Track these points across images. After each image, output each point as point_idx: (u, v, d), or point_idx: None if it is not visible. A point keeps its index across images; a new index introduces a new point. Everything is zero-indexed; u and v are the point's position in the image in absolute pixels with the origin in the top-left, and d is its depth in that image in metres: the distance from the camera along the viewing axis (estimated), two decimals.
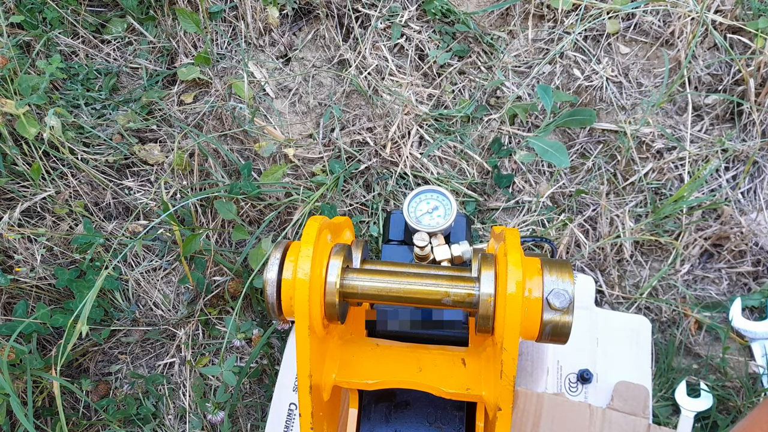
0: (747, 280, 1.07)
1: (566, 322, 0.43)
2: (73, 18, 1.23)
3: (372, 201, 1.12)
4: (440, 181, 1.10)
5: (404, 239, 0.72)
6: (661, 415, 0.98)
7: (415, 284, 0.47)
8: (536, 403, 0.89)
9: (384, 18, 1.19)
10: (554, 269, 0.44)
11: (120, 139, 1.17)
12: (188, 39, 1.22)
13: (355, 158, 1.13)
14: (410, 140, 1.13)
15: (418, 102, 1.15)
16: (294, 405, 0.95)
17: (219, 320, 1.12)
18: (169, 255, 1.13)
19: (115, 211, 1.17)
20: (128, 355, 1.13)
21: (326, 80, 1.20)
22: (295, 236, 1.09)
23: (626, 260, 1.08)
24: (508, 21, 1.20)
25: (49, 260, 1.11)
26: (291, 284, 0.45)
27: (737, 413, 0.98)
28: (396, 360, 0.54)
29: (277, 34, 1.22)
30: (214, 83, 1.19)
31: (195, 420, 1.07)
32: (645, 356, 0.97)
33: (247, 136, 1.16)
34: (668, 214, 1.06)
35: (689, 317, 1.05)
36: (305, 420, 0.46)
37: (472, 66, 1.18)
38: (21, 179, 1.12)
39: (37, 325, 1.01)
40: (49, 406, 1.06)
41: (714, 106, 1.11)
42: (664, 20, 1.14)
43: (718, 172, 1.09)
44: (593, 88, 1.13)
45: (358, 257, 0.54)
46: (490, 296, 0.43)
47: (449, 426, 0.58)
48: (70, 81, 1.21)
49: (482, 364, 0.51)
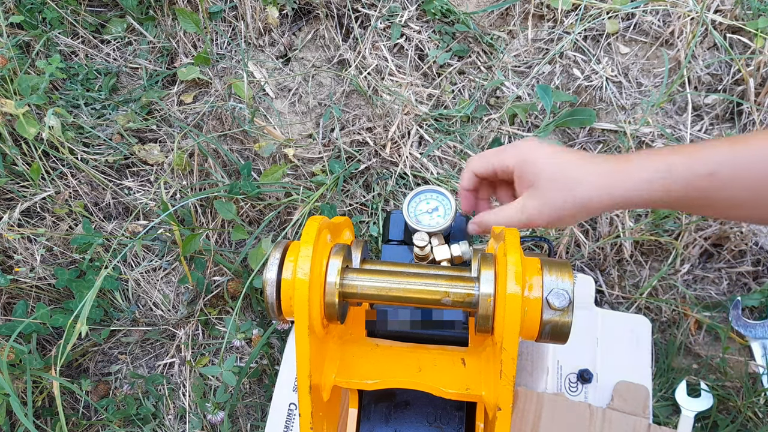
0: (747, 280, 1.07)
1: (566, 322, 0.42)
2: (73, 18, 1.23)
3: (372, 201, 1.12)
4: (440, 181, 1.10)
5: (404, 239, 0.72)
6: (661, 415, 0.98)
7: (415, 284, 0.47)
8: (536, 403, 0.89)
9: (384, 18, 1.19)
10: (554, 269, 0.44)
11: (120, 139, 1.17)
12: (188, 39, 1.22)
13: (354, 158, 1.13)
14: (410, 140, 1.13)
15: (417, 102, 1.15)
16: (294, 405, 0.95)
17: (219, 320, 1.12)
18: (168, 255, 1.13)
19: (114, 211, 1.17)
20: (128, 355, 1.13)
21: (326, 80, 1.20)
22: (295, 236, 1.09)
23: (626, 260, 1.08)
24: (507, 21, 1.20)
25: (48, 260, 1.11)
26: (290, 284, 0.45)
27: (737, 413, 0.98)
28: (396, 360, 0.54)
29: (277, 34, 1.22)
30: (213, 83, 1.19)
31: (195, 420, 1.07)
32: (645, 356, 0.97)
33: (247, 136, 1.16)
34: (668, 214, 1.05)
35: (689, 317, 1.05)
36: (305, 420, 0.46)
37: (472, 66, 1.18)
38: (21, 179, 1.12)
39: (37, 325, 1.01)
40: (49, 406, 1.06)
41: (714, 105, 1.11)
42: (664, 20, 1.14)
43: None
44: (593, 88, 1.13)
45: (357, 257, 0.54)
46: (490, 296, 0.43)
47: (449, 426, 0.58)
48: (70, 81, 1.21)
49: (482, 364, 0.51)
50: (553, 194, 0.52)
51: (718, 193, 0.47)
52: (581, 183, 0.51)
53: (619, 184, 0.50)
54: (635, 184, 0.49)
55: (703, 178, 0.47)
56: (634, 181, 0.49)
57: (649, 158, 0.49)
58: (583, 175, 0.51)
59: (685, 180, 0.48)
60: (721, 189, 0.47)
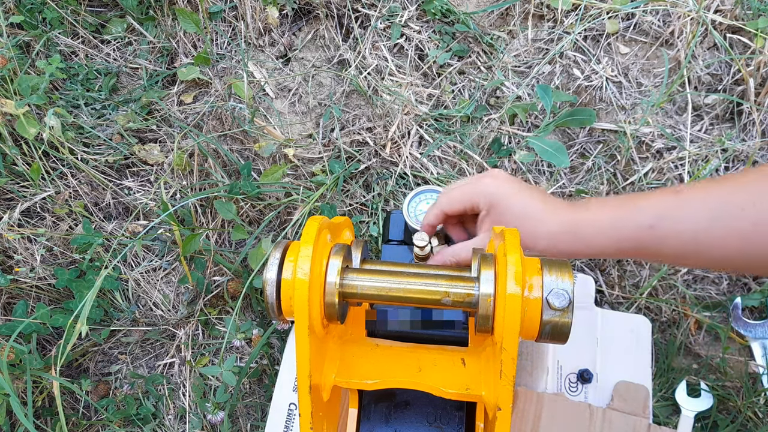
0: (747, 280, 1.07)
1: (566, 322, 0.42)
2: (73, 18, 1.23)
3: (372, 201, 1.12)
4: (440, 181, 1.10)
5: (404, 239, 0.72)
6: (661, 415, 0.98)
7: (415, 284, 0.47)
8: (536, 403, 0.89)
9: (384, 18, 1.19)
10: (554, 269, 0.44)
11: (120, 139, 1.17)
12: (188, 39, 1.22)
13: (354, 158, 1.13)
14: (410, 140, 1.13)
15: (417, 102, 1.15)
16: (294, 405, 0.95)
17: (219, 320, 1.12)
18: (168, 255, 1.13)
19: (114, 211, 1.17)
20: (128, 355, 1.13)
21: (326, 80, 1.20)
22: (295, 236, 1.09)
23: (626, 260, 1.08)
24: (507, 21, 1.20)
25: (48, 260, 1.11)
26: (290, 284, 0.45)
27: (737, 413, 0.98)
28: (396, 360, 0.54)
29: (277, 34, 1.22)
30: (213, 83, 1.19)
31: (195, 420, 1.07)
32: (645, 356, 0.97)
33: (247, 136, 1.16)
34: None
35: (689, 317, 1.05)
36: (305, 420, 0.46)
37: (472, 66, 1.18)
38: (21, 179, 1.12)
39: (37, 325, 1.01)
40: (49, 406, 1.06)
41: (714, 105, 1.11)
42: (664, 20, 1.14)
43: (718, 172, 1.09)
44: (593, 88, 1.13)
45: (357, 257, 0.54)
46: (490, 296, 0.43)
47: (449, 426, 0.58)
48: (70, 81, 1.21)
49: (482, 364, 0.51)
50: None
51: (661, 245, 0.48)
52: (545, 223, 0.53)
53: (574, 238, 0.52)
54: (590, 238, 0.50)
55: (645, 231, 0.48)
56: (590, 235, 0.50)
57: (602, 210, 0.50)
58: (546, 218, 0.53)
59: (630, 232, 0.49)
60: (663, 240, 0.48)
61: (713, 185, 0.47)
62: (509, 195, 0.55)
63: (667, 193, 0.49)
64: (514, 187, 0.55)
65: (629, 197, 0.51)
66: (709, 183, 0.48)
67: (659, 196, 0.49)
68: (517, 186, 0.55)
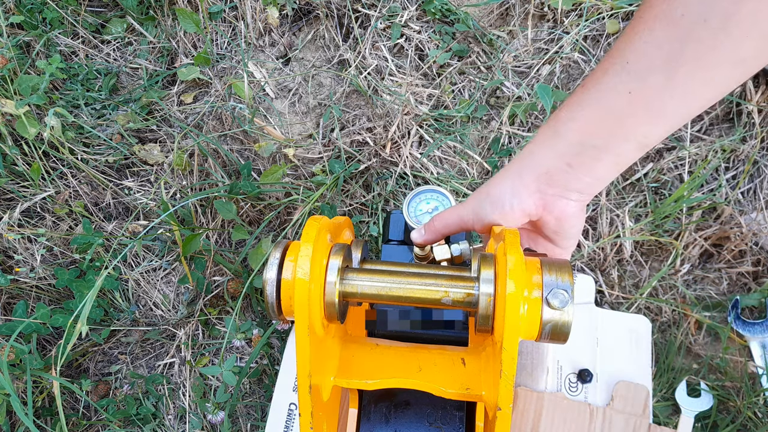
0: (747, 280, 1.07)
1: (566, 322, 0.42)
2: (73, 18, 1.23)
3: (372, 201, 1.12)
4: (440, 181, 1.10)
5: (404, 239, 0.72)
6: (661, 415, 0.98)
7: (415, 284, 0.47)
8: (536, 402, 0.89)
9: (384, 18, 1.19)
10: (554, 269, 0.44)
11: (120, 139, 1.17)
12: (188, 39, 1.22)
13: (354, 158, 1.13)
14: (410, 140, 1.13)
15: (417, 102, 1.15)
16: (294, 405, 0.95)
17: (219, 320, 1.12)
18: (169, 255, 1.13)
19: (115, 211, 1.17)
20: (128, 355, 1.13)
21: (326, 80, 1.20)
22: (295, 236, 1.09)
23: (626, 260, 1.08)
24: (507, 21, 1.20)
25: (48, 260, 1.11)
26: (290, 284, 0.45)
27: (737, 413, 0.98)
28: (396, 360, 0.54)
29: (277, 35, 1.22)
30: (213, 83, 1.19)
31: (195, 420, 1.07)
32: (645, 356, 0.97)
33: (247, 136, 1.16)
34: (668, 214, 1.05)
35: (689, 317, 1.05)
36: (305, 420, 0.46)
37: (472, 66, 1.18)
38: (21, 179, 1.12)
39: (37, 325, 1.01)
40: (49, 406, 1.06)
41: (714, 106, 1.11)
42: None
43: (718, 172, 1.09)
44: None
45: (357, 257, 0.54)
46: (490, 296, 0.43)
47: (449, 426, 0.58)
48: (70, 81, 1.21)
49: (482, 364, 0.51)
50: None
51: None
52: (516, 196, 0.52)
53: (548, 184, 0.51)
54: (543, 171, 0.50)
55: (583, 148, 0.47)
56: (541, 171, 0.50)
57: (541, 149, 0.50)
58: (517, 193, 0.52)
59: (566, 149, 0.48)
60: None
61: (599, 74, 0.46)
62: (486, 193, 0.54)
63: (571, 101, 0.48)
64: (488, 186, 0.54)
65: (548, 128, 0.49)
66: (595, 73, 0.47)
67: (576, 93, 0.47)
68: (488, 185, 0.54)
